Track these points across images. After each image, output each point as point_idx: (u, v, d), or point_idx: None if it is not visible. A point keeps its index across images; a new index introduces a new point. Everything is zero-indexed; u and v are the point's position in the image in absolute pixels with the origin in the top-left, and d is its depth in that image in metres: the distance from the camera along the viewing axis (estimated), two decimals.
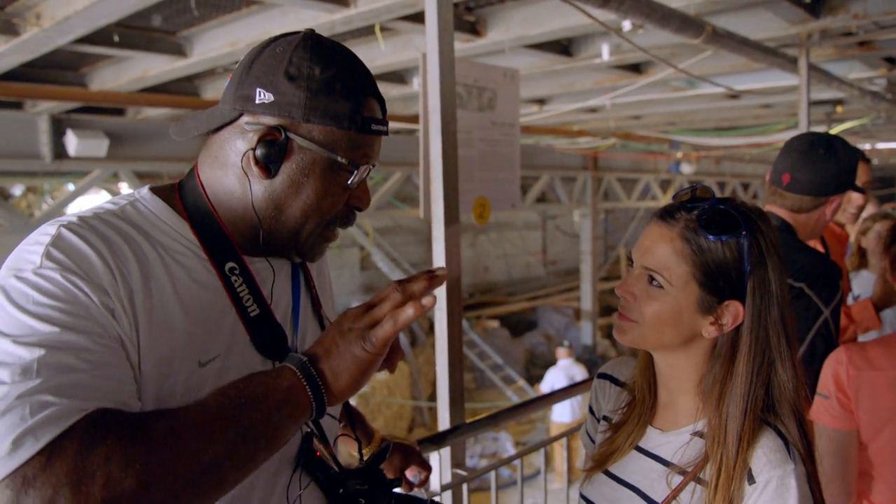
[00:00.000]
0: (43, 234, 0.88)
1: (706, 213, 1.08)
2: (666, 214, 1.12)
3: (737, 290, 1.07)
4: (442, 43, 2.10)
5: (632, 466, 1.17)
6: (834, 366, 1.62)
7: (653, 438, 1.17)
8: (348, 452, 1.25)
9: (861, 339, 2.50)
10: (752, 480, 1.03)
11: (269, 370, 0.89)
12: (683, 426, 1.14)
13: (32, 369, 0.76)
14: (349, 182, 1.00)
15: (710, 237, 1.06)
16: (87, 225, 0.90)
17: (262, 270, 1.04)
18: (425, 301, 0.87)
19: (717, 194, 1.13)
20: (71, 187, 7.68)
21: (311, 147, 0.96)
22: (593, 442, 1.33)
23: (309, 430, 1.06)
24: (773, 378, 1.08)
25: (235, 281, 0.99)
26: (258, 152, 0.95)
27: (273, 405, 0.83)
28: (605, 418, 1.29)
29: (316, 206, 0.99)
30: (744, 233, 1.06)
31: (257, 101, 0.95)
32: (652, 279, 1.10)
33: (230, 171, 0.99)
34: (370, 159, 1.01)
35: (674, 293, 1.08)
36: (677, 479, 1.09)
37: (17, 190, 9.47)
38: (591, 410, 1.37)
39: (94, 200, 8.75)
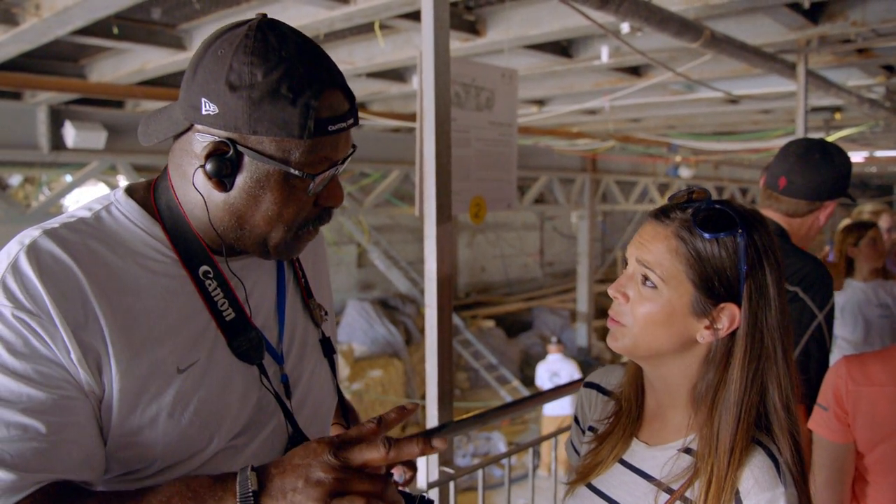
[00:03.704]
0: (6, 255, 0.88)
1: (702, 211, 1.04)
2: (661, 213, 1.08)
3: (733, 292, 1.03)
4: (437, 42, 2.10)
5: (615, 481, 1.13)
6: (834, 379, 1.61)
7: (638, 452, 1.13)
8: None
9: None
10: (739, 503, 0.99)
11: (216, 487, 0.82)
12: (671, 441, 1.10)
13: None
14: (309, 191, 0.94)
15: (706, 235, 1.02)
16: (55, 239, 0.89)
17: (240, 269, 1.02)
18: None
19: (715, 198, 1.11)
20: (68, 178, 7.66)
21: (262, 160, 0.90)
22: (578, 453, 1.28)
23: (292, 432, 1.05)
24: (767, 388, 1.04)
25: (209, 285, 0.97)
26: (208, 168, 0.90)
27: None
28: (590, 429, 1.25)
29: (279, 216, 0.95)
30: (740, 231, 1.02)
31: (203, 113, 0.89)
32: (645, 279, 1.06)
33: (189, 182, 0.95)
34: (334, 158, 0.94)
35: (667, 293, 1.04)
36: (664, 498, 1.05)
37: (15, 180, 9.46)
38: (576, 420, 1.32)
39: (91, 192, 8.74)
